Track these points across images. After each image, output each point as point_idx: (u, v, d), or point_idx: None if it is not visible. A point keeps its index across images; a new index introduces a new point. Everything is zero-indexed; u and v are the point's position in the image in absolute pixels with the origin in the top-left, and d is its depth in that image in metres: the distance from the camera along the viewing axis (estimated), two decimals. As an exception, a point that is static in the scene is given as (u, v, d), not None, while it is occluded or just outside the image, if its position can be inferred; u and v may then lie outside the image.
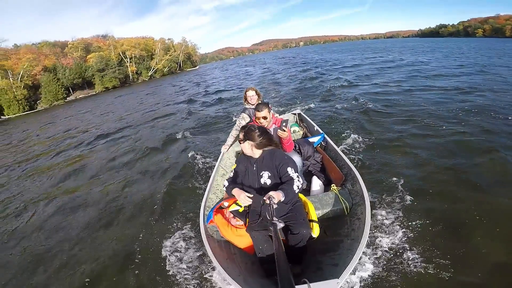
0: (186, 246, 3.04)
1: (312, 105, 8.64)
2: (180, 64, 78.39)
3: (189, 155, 5.78)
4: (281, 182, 2.28)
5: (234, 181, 2.52)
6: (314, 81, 14.29)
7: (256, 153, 2.44)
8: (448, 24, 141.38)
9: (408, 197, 3.25)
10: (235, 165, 2.64)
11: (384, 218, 2.97)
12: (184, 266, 2.78)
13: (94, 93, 55.90)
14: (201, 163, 5.29)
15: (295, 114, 5.57)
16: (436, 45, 37.97)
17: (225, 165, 3.96)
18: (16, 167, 8.73)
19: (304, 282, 1.52)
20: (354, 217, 2.49)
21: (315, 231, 2.23)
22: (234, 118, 8.51)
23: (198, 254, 2.88)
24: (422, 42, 56.21)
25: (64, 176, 6.52)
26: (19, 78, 47.99)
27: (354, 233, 2.26)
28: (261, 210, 2.30)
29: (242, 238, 2.34)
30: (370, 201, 2.39)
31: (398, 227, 2.81)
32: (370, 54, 29.82)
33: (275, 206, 1.92)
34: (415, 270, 2.33)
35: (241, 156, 2.63)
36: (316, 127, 4.60)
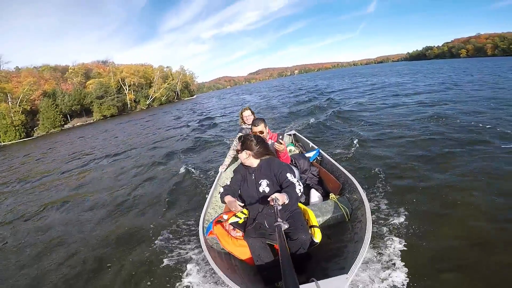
0: (187, 258, 3.04)
1: (305, 125, 9.17)
2: (177, 93, 79.24)
3: (187, 176, 6.00)
4: (281, 189, 2.29)
5: (229, 189, 2.53)
6: (307, 104, 15.13)
7: (254, 162, 2.50)
8: (434, 46, 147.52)
9: (405, 197, 3.48)
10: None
11: (384, 218, 3.10)
12: (185, 277, 2.77)
13: (92, 121, 55.65)
14: (199, 183, 5.43)
15: (290, 135, 5.70)
16: (420, 68, 42.06)
17: (223, 184, 3.98)
18: (29, 179, 9.59)
19: (312, 281, 1.53)
20: (356, 221, 2.51)
21: (317, 236, 2.22)
22: (231, 140, 8.69)
23: (198, 266, 2.87)
24: (408, 65, 63.09)
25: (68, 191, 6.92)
26: (18, 102, 47.60)
27: (358, 236, 2.24)
28: (256, 217, 2.36)
29: (243, 249, 2.30)
30: (369, 203, 2.46)
31: (398, 226, 2.92)
32: (358, 78, 33.02)
33: (279, 207, 1.92)
34: (423, 270, 2.35)
35: (238, 166, 2.69)
36: (311, 144, 4.72)
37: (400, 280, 2.26)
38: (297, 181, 2.30)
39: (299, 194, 2.21)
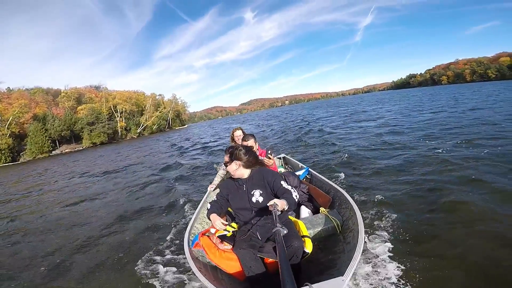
0: (170, 270, 2.99)
1: (294, 149, 9.63)
2: (169, 121, 79.24)
3: (176, 195, 6.12)
4: (276, 197, 2.25)
5: (216, 205, 2.50)
6: (296, 131, 15.84)
7: (245, 173, 2.44)
8: (417, 74, 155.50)
9: (392, 210, 3.53)
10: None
11: (375, 227, 3.14)
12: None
13: (81, 148, 54.71)
14: (187, 201, 5.47)
15: (280, 158, 5.76)
16: (401, 96, 45.77)
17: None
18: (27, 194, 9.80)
19: (306, 285, 1.48)
20: (347, 231, 2.49)
21: (308, 246, 2.14)
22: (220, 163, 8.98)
23: (182, 277, 2.83)
24: (392, 94, 68.31)
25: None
26: (7, 125, 46.55)
27: (350, 245, 2.22)
28: (248, 228, 2.30)
29: (230, 262, 2.21)
30: (360, 212, 2.47)
31: (388, 236, 2.94)
32: (343, 108, 35.37)
33: (278, 213, 1.90)
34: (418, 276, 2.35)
35: (225, 181, 2.64)
36: (301, 165, 4.78)
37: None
38: (292, 188, 2.29)
39: (296, 200, 2.20)
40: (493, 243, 2.62)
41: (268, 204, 2.01)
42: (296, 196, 2.22)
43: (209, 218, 2.44)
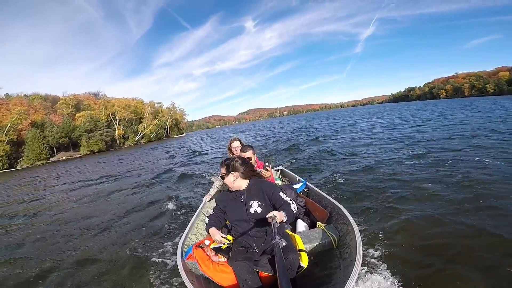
0: (162, 282, 3.00)
1: (292, 161, 9.64)
2: (167, 130, 79.19)
3: (171, 204, 6.08)
4: (274, 208, 2.26)
5: (214, 219, 2.49)
6: (293, 141, 15.99)
7: (243, 184, 2.43)
8: (416, 87, 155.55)
9: (390, 223, 3.62)
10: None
11: (372, 243, 3.16)
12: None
13: (79, 155, 54.56)
14: (181, 212, 5.49)
15: (277, 170, 5.74)
16: (397, 109, 47.09)
17: (206, 212, 3.75)
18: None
19: None
20: (344, 247, 2.49)
21: (304, 261, 2.14)
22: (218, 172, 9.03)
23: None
24: (388, 107, 70.84)
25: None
26: (5, 132, 46.41)
27: (347, 261, 2.24)
28: (244, 240, 2.32)
29: (224, 275, 2.20)
30: (358, 228, 2.46)
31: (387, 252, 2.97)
32: (341, 119, 36.50)
33: (277, 225, 1.90)
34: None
35: (221, 194, 2.64)
36: (298, 178, 4.73)
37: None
38: (290, 200, 2.32)
39: (294, 212, 2.22)
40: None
41: (267, 216, 1.99)
42: (294, 208, 2.24)
43: (208, 232, 2.45)
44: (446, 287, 2.41)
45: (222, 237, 2.36)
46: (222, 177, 2.47)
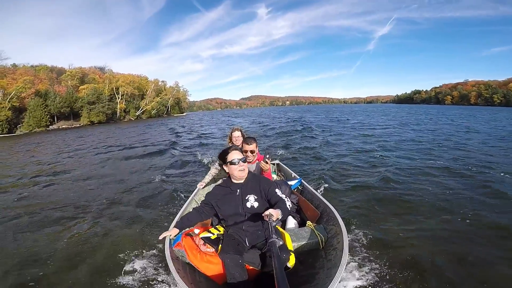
0: (149, 267, 3.02)
1: (288, 155, 9.71)
2: (168, 108, 79.35)
3: (163, 189, 6.05)
4: (269, 204, 2.32)
5: (196, 213, 2.56)
6: (292, 135, 16.04)
7: (245, 176, 2.48)
8: (422, 90, 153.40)
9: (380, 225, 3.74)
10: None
11: (360, 247, 3.23)
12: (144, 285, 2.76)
13: (79, 125, 54.82)
14: (174, 197, 5.42)
15: (274, 164, 5.70)
16: (395, 111, 47.45)
17: (199, 200, 3.75)
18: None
19: None
20: (330, 248, 2.51)
21: (291, 261, 2.15)
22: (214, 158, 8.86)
23: (159, 277, 2.85)
24: (388, 107, 72.63)
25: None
26: (8, 98, 46.66)
27: (331, 263, 2.25)
28: (237, 234, 2.33)
29: (210, 265, 2.21)
30: (346, 231, 2.48)
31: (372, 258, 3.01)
32: (338, 114, 37.47)
33: (274, 223, 1.89)
34: None
35: (214, 188, 2.63)
36: (294, 174, 4.73)
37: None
38: (286, 197, 2.34)
39: (289, 209, 2.23)
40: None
41: (263, 214, 1.98)
42: (289, 205, 2.25)
43: (184, 222, 2.55)
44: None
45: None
46: (220, 165, 2.50)
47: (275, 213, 1.96)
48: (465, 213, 4.10)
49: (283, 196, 2.31)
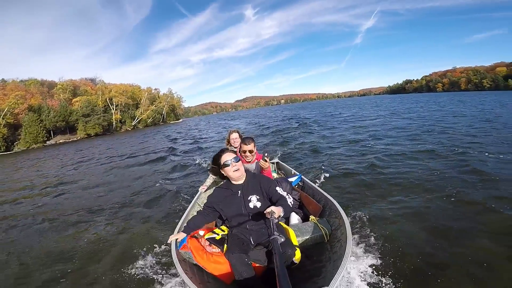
0: (156, 271, 3.04)
1: (286, 151, 9.86)
2: (164, 116, 79.58)
3: (166, 193, 6.23)
4: (271, 202, 2.32)
5: (200, 217, 2.57)
6: (289, 132, 16.27)
7: (243, 177, 2.49)
8: (413, 80, 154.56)
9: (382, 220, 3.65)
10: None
11: (363, 237, 3.20)
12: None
13: (76, 139, 55.00)
14: (177, 201, 5.51)
15: (273, 163, 5.71)
16: (388, 102, 47.64)
17: (202, 203, 3.78)
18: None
19: None
20: (335, 241, 2.51)
21: (297, 256, 2.19)
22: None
23: (168, 279, 2.86)
24: (380, 99, 73.95)
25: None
26: (2, 115, 46.73)
27: (336, 255, 2.24)
28: (242, 233, 2.35)
29: (217, 265, 2.23)
30: (349, 222, 2.50)
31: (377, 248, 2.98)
32: (339, 109, 36.89)
33: (275, 221, 1.91)
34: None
35: (214, 191, 2.64)
36: (293, 171, 4.75)
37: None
38: (287, 194, 2.36)
39: (291, 206, 2.27)
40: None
41: (265, 212, 2.00)
42: (291, 202, 2.29)
43: (191, 226, 2.53)
44: (436, 281, 2.49)
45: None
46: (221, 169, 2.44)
47: (276, 211, 1.98)
48: (449, 192, 4.35)
49: (284, 193, 2.35)
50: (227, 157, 2.40)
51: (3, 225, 5.61)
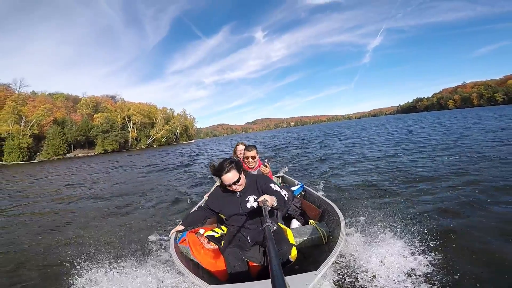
0: (155, 263, 3.04)
1: (291, 167, 10.21)
2: (177, 135, 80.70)
3: (174, 200, 6.66)
4: None
5: (199, 213, 2.63)
6: (296, 150, 17.00)
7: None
8: (424, 98, 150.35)
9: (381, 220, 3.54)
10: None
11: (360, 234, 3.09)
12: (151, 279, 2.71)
13: (93, 153, 56.53)
14: (183, 206, 5.96)
15: (278, 177, 5.78)
16: (392, 122, 46.47)
17: None
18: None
19: None
20: (332, 242, 2.49)
21: (292, 254, 2.20)
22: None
23: (165, 273, 2.73)
24: (391, 119, 72.89)
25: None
26: (30, 126, 49.16)
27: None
28: (239, 232, 2.37)
29: (213, 261, 2.28)
30: (344, 220, 2.56)
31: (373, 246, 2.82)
32: (340, 130, 38.21)
33: (268, 209, 1.91)
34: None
35: (215, 192, 2.67)
36: (297, 182, 4.77)
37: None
38: (281, 188, 2.38)
39: (285, 198, 2.27)
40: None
41: (258, 200, 2.00)
42: (285, 194, 2.29)
43: (188, 219, 2.60)
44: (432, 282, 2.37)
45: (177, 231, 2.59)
46: (237, 181, 2.35)
47: (269, 199, 1.98)
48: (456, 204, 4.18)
49: (278, 188, 2.37)
50: (229, 181, 2.33)
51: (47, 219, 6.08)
